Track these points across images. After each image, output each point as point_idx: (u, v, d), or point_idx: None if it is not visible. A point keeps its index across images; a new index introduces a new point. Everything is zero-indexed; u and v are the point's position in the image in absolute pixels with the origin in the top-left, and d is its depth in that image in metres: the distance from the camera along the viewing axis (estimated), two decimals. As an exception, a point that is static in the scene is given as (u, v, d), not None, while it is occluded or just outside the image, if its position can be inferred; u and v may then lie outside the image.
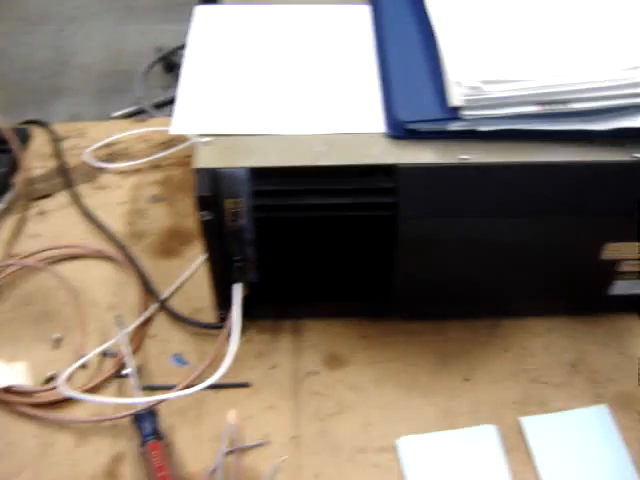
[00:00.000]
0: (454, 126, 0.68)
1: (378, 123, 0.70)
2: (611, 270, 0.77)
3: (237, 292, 0.72)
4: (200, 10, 0.85)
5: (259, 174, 0.67)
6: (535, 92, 0.67)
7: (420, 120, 0.69)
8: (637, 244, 0.73)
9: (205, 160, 0.67)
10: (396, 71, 0.74)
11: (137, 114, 1.56)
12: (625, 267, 0.76)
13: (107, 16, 1.79)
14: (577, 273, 0.77)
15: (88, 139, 1.01)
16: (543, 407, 0.75)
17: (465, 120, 0.68)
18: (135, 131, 1.01)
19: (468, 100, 0.66)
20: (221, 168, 0.67)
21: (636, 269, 0.77)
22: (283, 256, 0.74)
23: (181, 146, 0.97)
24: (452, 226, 0.71)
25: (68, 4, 1.81)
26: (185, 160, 0.98)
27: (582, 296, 0.81)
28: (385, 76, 0.74)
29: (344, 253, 0.74)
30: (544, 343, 0.80)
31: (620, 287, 0.79)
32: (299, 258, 0.74)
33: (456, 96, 0.68)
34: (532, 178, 0.68)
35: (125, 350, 0.76)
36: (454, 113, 0.68)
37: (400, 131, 0.69)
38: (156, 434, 0.71)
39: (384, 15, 0.80)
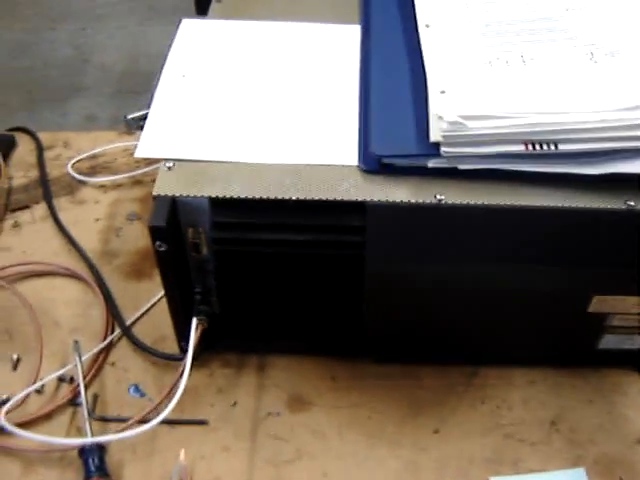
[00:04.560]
0: (433, 163, 0.63)
1: (352, 155, 0.66)
2: (599, 323, 0.71)
3: (194, 326, 0.68)
4: (185, 24, 0.82)
5: (221, 205, 0.63)
6: (521, 130, 0.61)
7: (396, 155, 0.64)
8: (627, 298, 0.68)
9: (165, 187, 0.64)
10: (377, 100, 0.69)
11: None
12: (615, 321, 0.71)
13: (130, 16, 1.77)
14: (562, 324, 0.72)
15: (73, 150, 0.99)
16: (516, 467, 0.69)
17: (444, 157, 0.63)
18: (121, 144, 0.98)
19: (448, 136, 0.62)
20: (181, 196, 0.63)
21: (627, 324, 0.71)
22: (246, 290, 0.70)
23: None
24: (425, 270, 0.67)
25: (92, 2, 1.79)
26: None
27: (567, 348, 0.75)
28: (365, 105, 0.69)
29: (310, 290, 0.70)
30: (523, 396, 0.75)
31: (609, 341, 0.73)
32: (262, 293, 0.70)
33: (436, 131, 0.63)
34: (514, 223, 0.63)
35: (79, 379, 0.73)
36: (434, 149, 0.63)
37: (374, 165, 0.64)
38: (101, 470, 0.67)
39: (372, 38, 0.76)
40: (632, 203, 0.62)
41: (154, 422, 0.65)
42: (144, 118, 0.70)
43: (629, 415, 0.74)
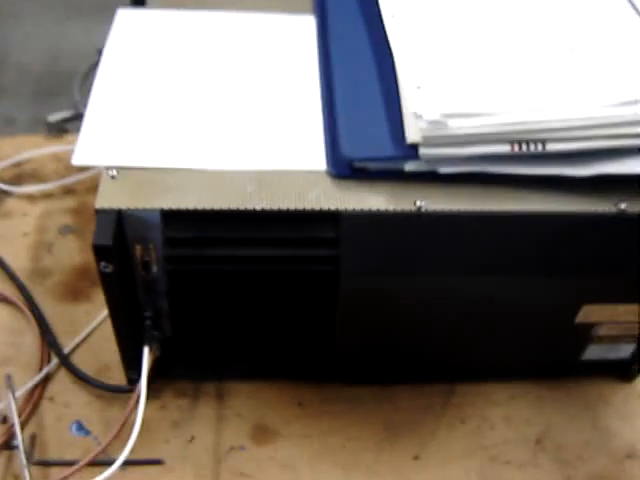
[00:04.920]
0: (411, 166, 0.57)
1: (319, 159, 0.59)
2: (585, 334, 0.67)
3: (146, 357, 0.61)
4: (122, 15, 0.73)
5: (174, 218, 0.56)
6: (508, 129, 0.55)
7: (370, 158, 0.58)
8: (617, 306, 0.64)
9: (108, 199, 0.56)
10: (343, 97, 0.62)
11: (74, 119, 1.43)
12: (601, 331, 0.67)
13: (49, 13, 1.65)
14: (546, 336, 0.67)
15: (-5, 156, 0.89)
16: (504, 493, 0.65)
17: (424, 159, 0.57)
18: (49, 149, 0.88)
19: (428, 136, 0.56)
20: (128, 209, 0.56)
21: (613, 333, 0.67)
22: (203, 311, 0.62)
23: (100, 168, 0.86)
24: (404, 283, 0.60)
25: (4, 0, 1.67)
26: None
27: (550, 360, 0.71)
28: (330, 102, 0.63)
29: (276, 310, 0.63)
30: (506, 413, 0.70)
31: (594, 352, 0.69)
32: (221, 314, 0.63)
33: (414, 131, 0.57)
34: (500, 230, 0.58)
35: (13, 418, 0.64)
36: (411, 151, 0.57)
37: (346, 170, 0.58)
38: (44, 525, 0.59)
39: (331, 28, 0.69)
40: (623, 206, 0.57)
41: (111, 469, 0.57)
42: (67, 120, 0.62)
43: (615, 427, 0.70)
